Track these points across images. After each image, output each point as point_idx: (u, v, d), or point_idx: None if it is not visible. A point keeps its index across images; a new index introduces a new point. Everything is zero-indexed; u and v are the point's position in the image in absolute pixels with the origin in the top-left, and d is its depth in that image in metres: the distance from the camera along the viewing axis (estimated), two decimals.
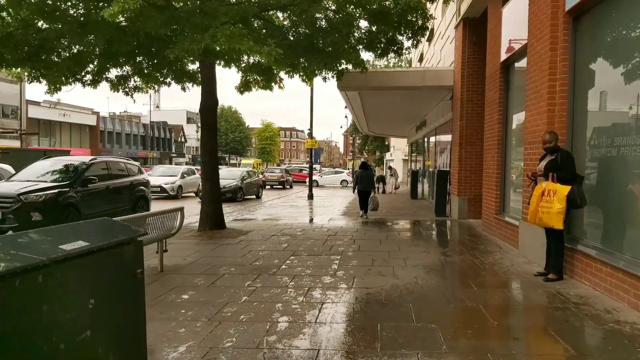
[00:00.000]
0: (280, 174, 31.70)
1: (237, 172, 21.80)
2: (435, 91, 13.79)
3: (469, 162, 12.11)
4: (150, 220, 6.31)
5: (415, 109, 17.68)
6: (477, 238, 9.31)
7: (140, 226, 6.04)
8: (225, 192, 19.53)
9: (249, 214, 14.98)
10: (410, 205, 18.28)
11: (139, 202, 12.14)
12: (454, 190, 12.67)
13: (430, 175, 19.05)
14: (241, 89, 12.69)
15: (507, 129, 9.22)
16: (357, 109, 17.73)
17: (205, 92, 10.02)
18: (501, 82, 9.23)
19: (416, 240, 9.13)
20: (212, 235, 9.63)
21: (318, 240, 9.07)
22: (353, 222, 12.53)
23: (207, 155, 10.01)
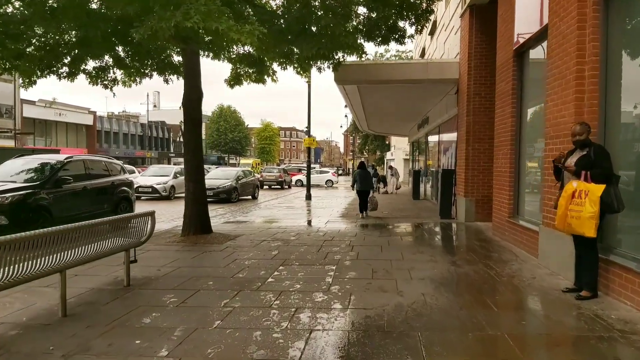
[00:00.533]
0: (278, 174, 30.76)
1: (232, 171, 20.88)
2: (439, 85, 12.86)
3: (476, 161, 11.17)
4: (111, 226, 5.38)
5: (418, 105, 16.75)
6: (488, 244, 8.37)
7: (99, 234, 5.12)
8: (220, 193, 18.66)
9: (242, 215, 14.06)
10: (412, 206, 17.34)
11: (121, 204, 11.20)
12: (460, 190, 11.74)
13: (433, 174, 18.11)
14: (231, 83, 11.81)
15: (521, 123, 8.28)
16: (356, 105, 16.80)
17: (189, 84, 9.09)
18: (514, 71, 8.29)
19: (421, 247, 8.19)
20: (196, 241, 8.70)
21: (312, 247, 8.14)
22: (352, 224, 11.59)
23: (190, 153, 9.08)
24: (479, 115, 11.13)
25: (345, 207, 17.16)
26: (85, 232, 4.86)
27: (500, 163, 8.86)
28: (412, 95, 14.76)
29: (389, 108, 18.10)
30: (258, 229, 10.64)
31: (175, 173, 21.05)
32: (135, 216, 5.76)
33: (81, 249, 4.78)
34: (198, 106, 9.17)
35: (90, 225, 4.93)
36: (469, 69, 11.18)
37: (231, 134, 66.59)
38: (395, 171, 24.84)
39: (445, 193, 12.35)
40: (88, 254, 4.94)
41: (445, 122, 14.93)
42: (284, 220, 12.83)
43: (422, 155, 22.86)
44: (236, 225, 11.61)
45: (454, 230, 10.54)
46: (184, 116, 9.09)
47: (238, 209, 16.31)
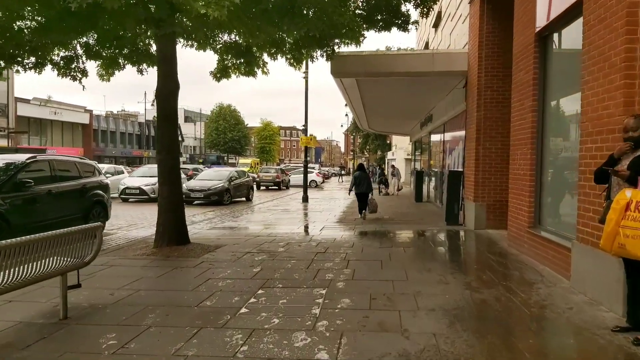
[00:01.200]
0: (275, 174, 29.54)
1: (224, 172, 19.72)
2: (446, 78, 11.68)
3: (487, 161, 9.99)
4: (42, 244, 4.21)
5: (421, 102, 15.56)
6: (505, 258, 7.19)
7: (24, 253, 3.96)
8: (211, 195, 17.54)
9: (231, 220, 12.90)
10: (415, 209, 16.16)
11: (94, 209, 10.05)
12: (469, 194, 10.56)
13: (437, 176, 16.93)
14: (217, 75, 10.66)
15: (544, 118, 7.10)
16: (355, 101, 15.63)
17: (163, 73, 7.93)
18: (536, 58, 7.11)
19: (428, 262, 7.02)
20: (169, 254, 7.54)
21: (302, 262, 6.97)
22: (349, 232, 10.43)
23: (164, 152, 7.90)
24: (490, 111, 9.95)
25: (343, 210, 15.99)
26: (5, 253, 3.72)
27: (518, 164, 7.68)
28: (416, 90, 13.59)
29: (391, 105, 16.92)
30: (245, 237, 9.49)
31: None
32: (75, 232, 4.59)
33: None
34: (173, 99, 8.00)
35: (8, 245, 3.78)
36: (479, 59, 10.00)
37: (230, 133, 65.46)
38: (397, 171, 23.62)
39: (452, 197, 11.17)
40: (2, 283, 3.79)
41: (451, 119, 13.75)
42: (276, 226, 11.67)
43: (425, 155, 21.69)
44: (222, 232, 10.45)
45: (464, 240, 9.36)
46: (157, 110, 7.92)
47: (229, 212, 15.16)
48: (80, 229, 4.67)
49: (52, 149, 46.27)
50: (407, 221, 12.44)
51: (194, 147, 73.34)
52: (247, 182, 20.45)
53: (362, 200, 12.91)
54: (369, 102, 15.77)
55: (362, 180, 12.82)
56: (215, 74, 10.64)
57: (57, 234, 4.40)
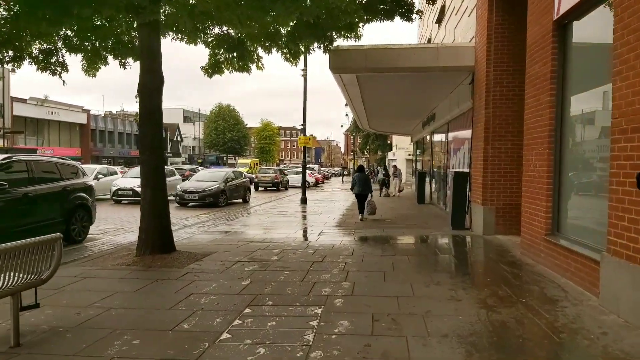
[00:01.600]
0: (274, 175, 28.86)
1: (220, 173, 19.06)
2: (451, 74, 11.01)
3: (497, 162, 9.32)
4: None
5: (424, 100, 14.90)
6: (520, 270, 6.51)
7: None
8: (206, 196, 16.89)
9: (224, 224, 12.24)
10: (417, 212, 15.48)
11: (77, 213, 9.38)
12: (477, 197, 9.89)
13: (440, 177, 16.26)
14: (209, 71, 10.03)
15: (563, 115, 6.43)
16: (355, 99, 14.96)
17: (145, 66, 7.26)
18: (554, 49, 6.44)
19: (435, 274, 6.34)
20: (152, 263, 6.86)
21: (296, 273, 6.30)
22: (349, 237, 9.77)
23: (147, 152, 7.23)
24: (500, 108, 9.28)
25: (343, 212, 15.33)
26: None
27: (533, 165, 7.01)
28: (419, 87, 12.93)
29: (392, 103, 16.26)
30: (237, 244, 8.82)
31: None
32: (30, 245, 3.92)
33: None
34: (157, 95, 7.32)
35: None
36: (487, 53, 9.33)
37: (230, 134, 64.82)
38: (398, 172, 22.94)
39: (458, 200, 10.50)
40: None
41: (455, 118, 13.08)
42: (271, 230, 11.00)
43: (427, 156, 21.03)
44: (214, 237, 9.79)
45: (472, 247, 8.69)
46: (139, 107, 7.25)
47: (224, 215, 14.50)
48: (36, 241, 3.99)
49: (49, 149, 45.64)
50: (410, 225, 11.78)
51: (193, 148, 72.71)
52: (244, 183, 19.79)
53: (361, 201, 12.94)
54: (369, 100, 15.11)
55: (362, 181, 12.90)
56: (206, 69, 10.00)
57: (7, 247, 3.73)
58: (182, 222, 12.94)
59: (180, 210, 16.22)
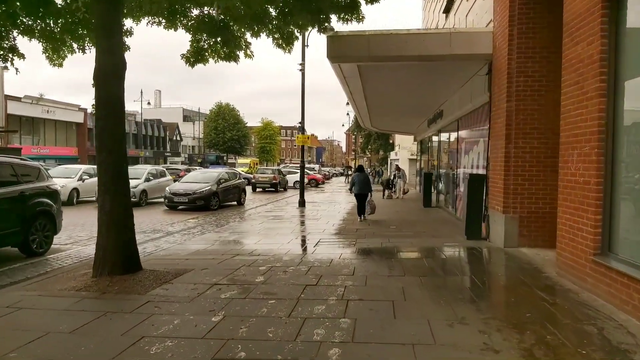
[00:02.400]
0: (272, 176, 27.51)
1: (212, 174, 17.74)
2: (465, 63, 9.70)
3: (520, 164, 8.00)
4: None
5: (432, 94, 13.57)
6: (564, 299, 5.19)
7: None
8: (196, 199, 15.60)
9: (212, 230, 10.95)
10: (424, 216, 14.16)
11: (37, 221, 8.10)
12: (496, 203, 8.57)
13: (449, 178, 14.94)
14: (191, 59, 8.77)
15: (615, 105, 5.12)
16: (356, 94, 13.63)
17: (102, 47, 5.94)
18: (604, 23, 5.13)
19: (458, 305, 5.02)
20: (108, 288, 5.56)
21: (284, 302, 5.00)
22: (349, 248, 8.47)
23: (105, 151, 5.90)
24: (524, 101, 7.96)
25: (343, 217, 14.02)
26: None
27: (575, 168, 5.69)
28: (428, 80, 11.61)
29: (397, 98, 14.94)
30: (220, 257, 7.53)
31: (148, 175, 17.94)
32: None
33: None
34: (117, 81, 6.00)
35: None
36: (509, 38, 8.00)
37: (230, 133, 63.53)
38: (402, 173, 21.58)
39: (474, 206, 9.18)
40: None
41: (468, 114, 11.76)
42: (263, 239, 9.71)
43: (433, 156, 19.71)
44: (196, 247, 8.50)
45: (496, 264, 7.36)
46: (95, 95, 5.93)
47: (214, 220, 13.21)
48: None
49: (45, 148, 44.45)
50: (418, 232, 10.46)
51: (193, 147, 71.47)
52: (239, 184, 18.48)
53: (361, 201, 12.71)
54: (372, 95, 13.79)
55: (361, 181, 12.67)
56: (188, 58, 8.73)
57: None
58: (167, 228, 11.67)
59: (169, 214, 14.95)
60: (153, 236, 10.25)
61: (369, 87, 12.38)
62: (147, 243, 9.22)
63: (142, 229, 11.49)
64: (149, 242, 9.31)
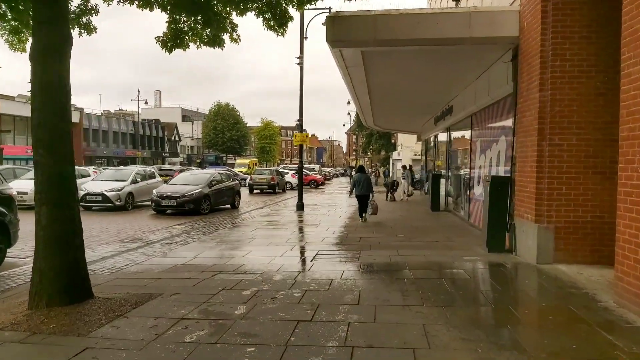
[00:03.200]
0: (270, 176, 26.17)
1: (204, 175, 16.40)
2: (486, 48, 8.41)
3: (557, 164, 6.69)
4: None
5: (442, 87, 12.26)
6: (637, 342, 3.89)
7: None
8: (185, 203, 14.32)
9: (198, 239, 9.66)
10: (434, 222, 12.85)
11: None
12: (524, 210, 7.26)
13: (460, 180, 13.63)
14: (168, 43, 7.57)
15: None
16: (359, 87, 12.30)
17: (42, 16, 4.64)
18: None
19: (501, 352, 3.72)
20: (42, 325, 4.26)
21: (267, 350, 3.70)
22: (352, 264, 7.18)
23: (43, 149, 4.57)
24: (561, 90, 6.65)
25: (344, 222, 12.72)
26: None
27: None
28: (439, 70, 10.31)
29: (402, 93, 13.64)
30: (198, 276, 6.24)
31: (135, 176, 16.64)
32: None
33: None
34: (58, 59, 4.68)
35: None
36: (543, 15, 6.70)
37: (229, 133, 62.28)
38: (407, 173, 20.22)
39: (496, 213, 7.87)
40: None
41: (484, 108, 10.46)
42: (253, 250, 8.42)
43: (441, 156, 18.41)
44: (173, 262, 7.21)
45: (533, 288, 6.03)
46: (31, 78, 4.63)
47: (202, 226, 11.93)
48: None
49: None
50: (431, 243, 9.15)
51: (192, 147, 70.22)
52: (233, 186, 17.17)
53: (362, 202, 12.51)
54: (376, 88, 12.49)
55: (362, 182, 12.44)
56: (164, 42, 7.53)
57: None
58: (148, 236, 10.38)
59: (155, 219, 13.66)
60: (130, 246, 8.97)
61: (373, 79, 11.08)
62: (120, 256, 7.96)
63: (120, 237, 10.23)
64: (122, 255, 8.05)
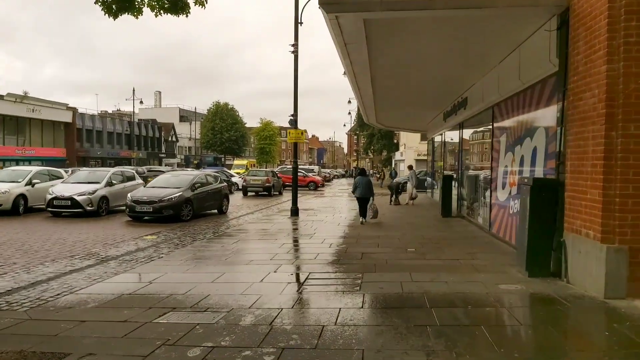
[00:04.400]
0: (265, 178, 24.25)
1: (186, 177, 14.46)
2: (520, 17, 6.54)
3: (633, 162, 4.84)
4: None
5: (457, 71, 10.36)
6: None
7: None
8: (163, 208, 12.50)
9: (163, 255, 7.82)
10: (449, 232, 10.97)
11: None
12: (584, 225, 5.39)
13: (479, 183, 11.74)
14: (112, 7, 5.80)
15: None
16: (361, 73, 10.40)
17: None
18: None
19: None
20: None
21: None
22: (354, 296, 5.31)
23: None
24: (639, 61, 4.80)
25: (344, 232, 10.87)
26: None
27: None
28: (457, 49, 8.44)
29: (410, 81, 11.76)
30: (138, 317, 4.41)
31: (111, 178, 14.78)
32: None
33: None
34: None
35: None
36: None
37: (227, 133, 60.42)
38: (412, 174, 18.32)
39: (539, 226, 6.01)
40: None
41: (511, 97, 8.61)
42: (227, 273, 6.57)
43: (453, 155, 16.55)
44: (120, 290, 5.36)
45: (611, 340, 4.18)
46: None
47: (178, 237, 10.09)
48: None
49: (31, 149, 41.38)
50: (450, 262, 7.29)
51: (189, 148, 68.41)
52: (220, 189, 15.28)
53: (363, 205, 12.24)
54: (380, 75, 10.62)
55: (363, 184, 12.20)
56: (108, 5, 5.71)
57: None
58: (109, 250, 8.56)
59: (128, 227, 11.82)
60: (78, 265, 7.15)
61: (376, 62, 9.21)
62: (57, 280, 6.19)
63: (73, 252, 8.40)
64: (62, 278, 6.26)
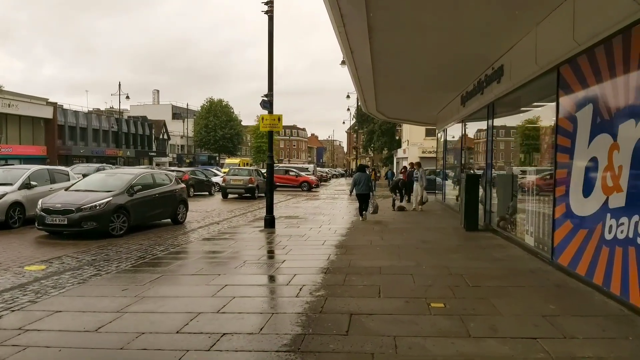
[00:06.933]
0: (248, 178, 20.49)
1: (124, 176, 10.64)
2: None
3: None
4: None
5: (498, 18, 6.74)
6: None
7: None
8: (82, 220, 8.88)
9: (24, 308, 4.18)
10: (484, 259, 7.31)
11: None
12: None
13: (525, 187, 8.06)
14: None
15: None
16: (359, 52, 6.77)
17: None
18: None
19: None
20: None
21: None
22: None
23: None
24: None
25: (327, 257, 7.18)
26: None
27: None
28: None
29: (422, 47, 8.08)
30: None
31: (28, 179, 11.11)
32: None
33: None
34: None
35: None
36: None
37: (221, 131, 56.75)
38: (421, 173, 14.61)
39: None
40: None
41: (603, 41, 4.96)
42: (153, 325, 2.93)
43: (476, 150, 12.88)
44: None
45: None
46: None
47: (82, 265, 6.47)
48: None
49: (8, 147, 37.76)
50: (521, 343, 3.65)
51: (182, 147, 64.73)
52: (174, 192, 11.54)
53: (363, 200, 11.94)
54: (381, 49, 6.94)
55: (362, 181, 11.82)
56: None
57: None
58: None
59: (38, 246, 8.23)
60: None
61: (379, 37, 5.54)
62: None
63: None
64: None
